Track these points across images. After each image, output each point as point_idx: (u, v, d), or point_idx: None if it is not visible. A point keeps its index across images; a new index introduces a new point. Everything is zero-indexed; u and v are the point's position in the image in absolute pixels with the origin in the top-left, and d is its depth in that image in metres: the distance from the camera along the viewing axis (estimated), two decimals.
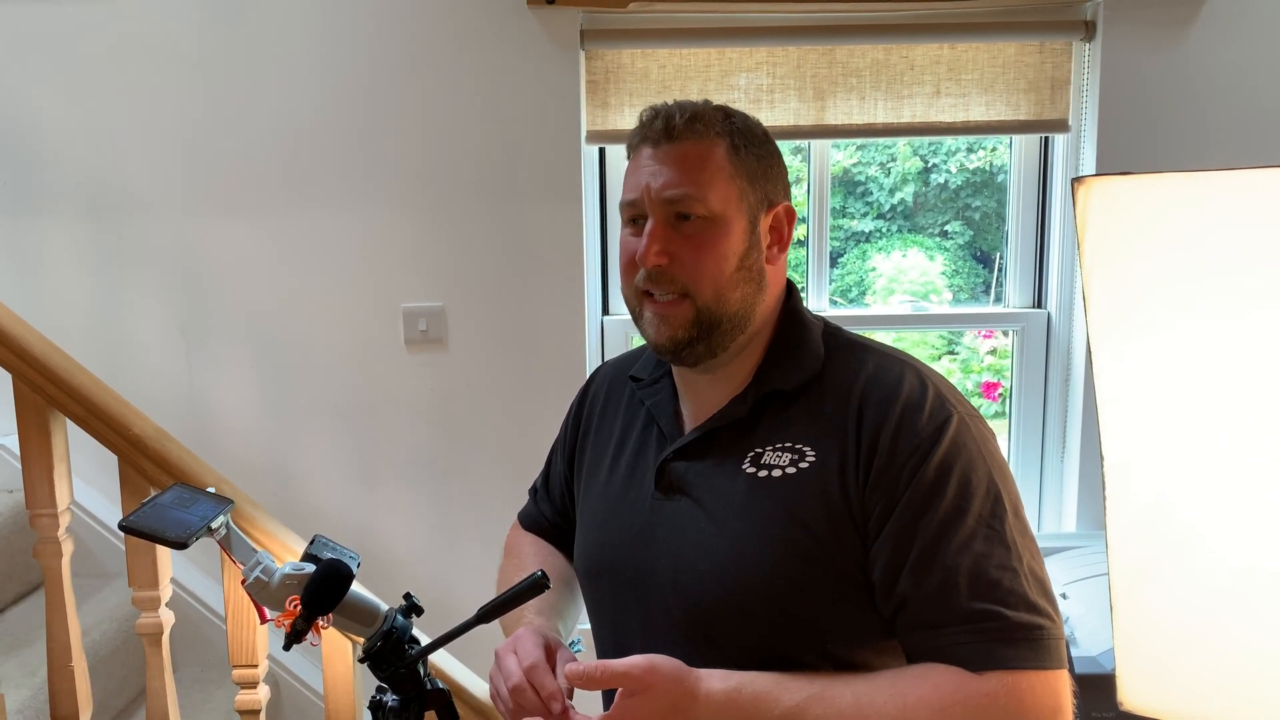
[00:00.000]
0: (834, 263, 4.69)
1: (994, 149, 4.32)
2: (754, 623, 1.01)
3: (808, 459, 1.01)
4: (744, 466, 1.04)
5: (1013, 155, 2.44)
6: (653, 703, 0.92)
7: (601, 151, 2.39)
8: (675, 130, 1.05)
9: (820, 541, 0.99)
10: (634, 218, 1.07)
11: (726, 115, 1.08)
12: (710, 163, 1.04)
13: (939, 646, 0.94)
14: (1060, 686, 0.93)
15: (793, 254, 1.20)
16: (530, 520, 1.36)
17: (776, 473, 1.02)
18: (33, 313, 1.79)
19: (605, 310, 2.45)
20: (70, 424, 1.60)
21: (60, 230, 2.30)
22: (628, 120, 2.26)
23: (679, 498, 1.08)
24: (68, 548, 1.60)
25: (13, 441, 2.22)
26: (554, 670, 1.02)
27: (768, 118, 2.28)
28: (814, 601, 1.00)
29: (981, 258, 4.66)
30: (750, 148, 1.08)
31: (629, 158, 1.10)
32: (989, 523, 0.96)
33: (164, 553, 1.60)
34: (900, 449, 0.98)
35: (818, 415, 1.03)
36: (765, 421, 1.06)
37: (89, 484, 2.32)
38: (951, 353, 4.61)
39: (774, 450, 1.04)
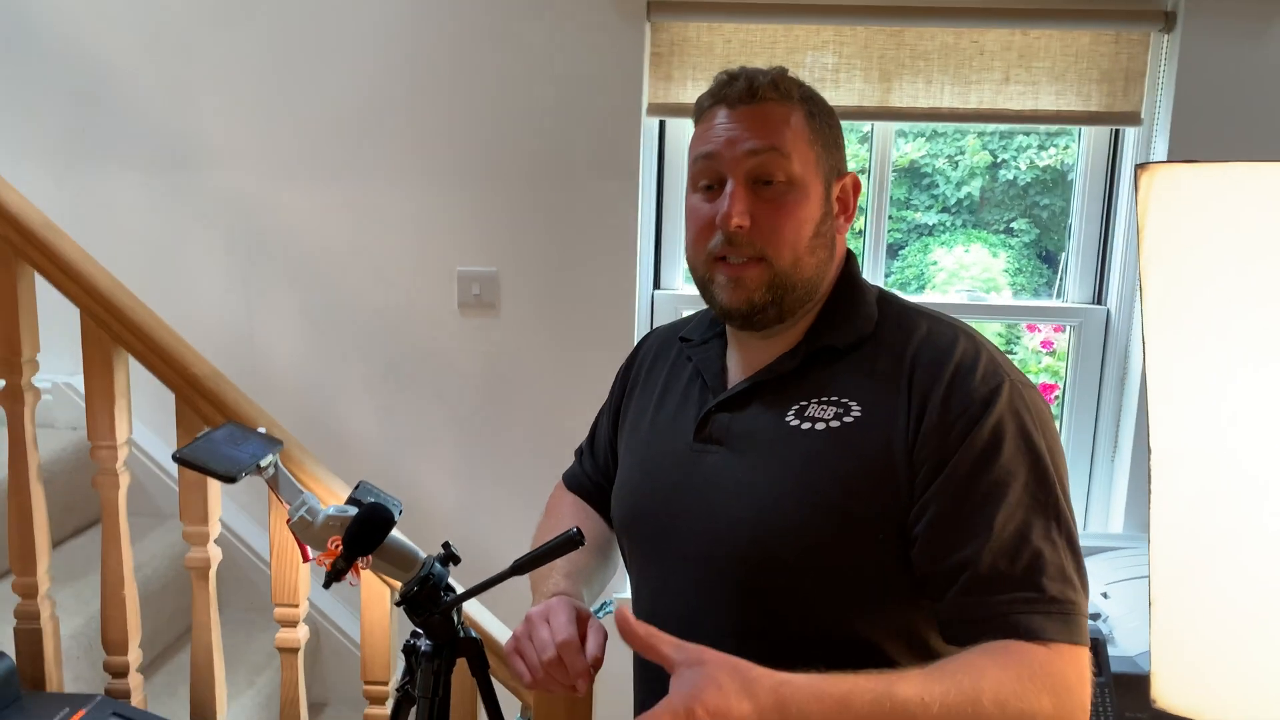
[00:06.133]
0: (895, 255, 4.64)
1: (1066, 147, 4.23)
2: (783, 572, 1.01)
3: (853, 413, 1.01)
4: (788, 418, 1.04)
5: (1080, 147, 2.39)
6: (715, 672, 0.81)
7: (661, 125, 2.38)
8: (759, 91, 1.05)
9: (857, 496, 0.98)
10: (708, 184, 1.07)
11: (800, 84, 1.09)
12: (791, 125, 1.04)
13: (976, 613, 0.93)
14: (1085, 664, 0.92)
15: (850, 242, 1.20)
16: (574, 480, 1.37)
17: (820, 425, 1.02)
18: (102, 255, 1.85)
19: (656, 284, 2.45)
20: (132, 363, 1.65)
21: (134, 178, 2.37)
22: (690, 94, 2.25)
23: (717, 448, 1.08)
24: (124, 480, 1.65)
25: (78, 382, 2.30)
26: (584, 641, 1.03)
27: (832, 97, 2.23)
28: (844, 553, 0.99)
29: (1046, 257, 4.57)
30: (824, 116, 1.09)
31: (699, 120, 1.10)
32: (1036, 492, 0.95)
33: (215, 490, 1.65)
34: (952, 409, 0.97)
35: (869, 373, 1.03)
36: (813, 376, 1.06)
37: (147, 425, 2.39)
38: (1009, 352, 4.53)
39: (819, 404, 1.03)
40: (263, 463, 1.22)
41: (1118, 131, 2.33)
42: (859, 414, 1.01)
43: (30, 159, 2.34)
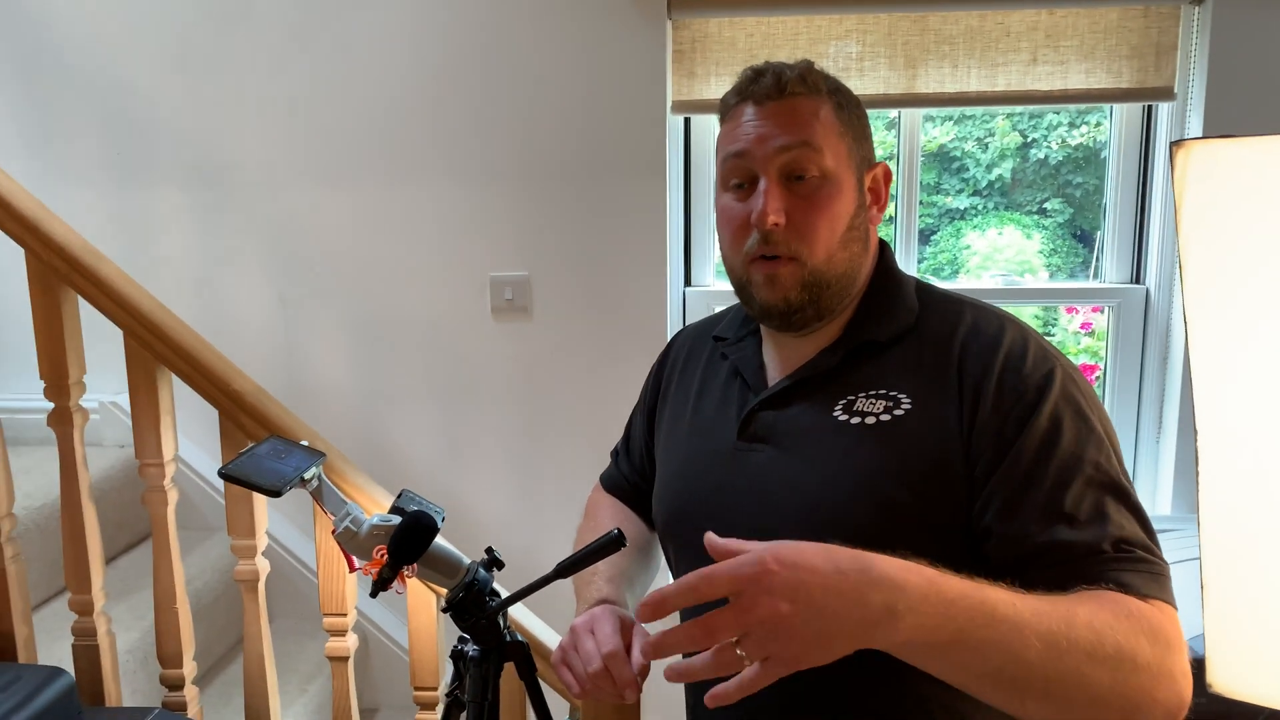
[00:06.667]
0: (927, 240, 4.59)
1: (1098, 124, 4.16)
2: None
3: (903, 406, 1.00)
4: (835, 413, 1.03)
5: (1113, 125, 2.36)
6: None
7: (686, 122, 2.38)
8: (787, 86, 1.03)
9: (912, 489, 0.97)
10: (739, 182, 1.06)
11: (826, 77, 1.08)
12: (821, 119, 1.03)
13: (1066, 581, 0.90)
14: (1180, 626, 0.89)
15: (881, 231, 1.18)
16: (611, 482, 1.38)
17: (870, 419, 1.01)
18: (142, 278, 1.89)
19: (687, 281, 2.45)
20: (176, 381, 1.68)
21: (167, 198, 2.41)
22: (714, 90, 2.25)
23: (762, 447, 1.07)
24: (173, 496, 1.68)
25: (125, 400, 2.34)
26: (629, 649, 1.03)
27: (857, 86, 2.24)
28: (899, 548, 0.98)
29: (1081, 237, 4.51)
30: (851, 107, 1.07)
31: (725, 118, 1.08)
32: (1106, 470, 0.94)
33: (260, 504, 1.67)
34: (1006, 396, 0.96)
35: (915, 365, 1.02)
36: (858, 370, 1.05)
37: (193, 441, 2.43)
38: (1047, 334, 4.47)
39: (867, 397, 1.02)
40: (306, 475, 1.23)
41: (1151, 107, 2.29)
42: (909, 406, 1.00)
43: (69, 184, 2.39)
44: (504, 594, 1.21)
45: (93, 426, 2.35)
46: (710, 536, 0.78)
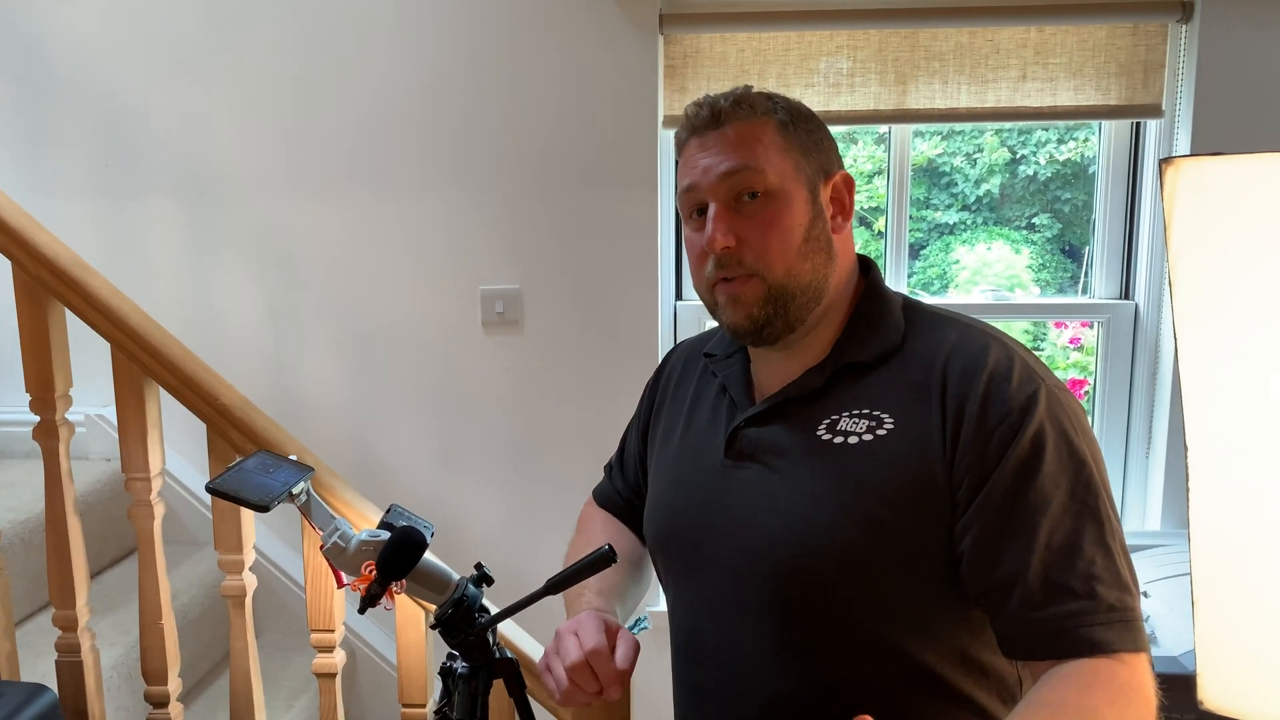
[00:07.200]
0: (916, 255, 4.60)
1: (1086, 139, 4.19)
2: (822, 588, 1.00)
3: (885, 426, 1.01)
4: (818, 433, 1.04)
5: (1101, 142, 2.37)
6: None
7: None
8: (722, 114, 1.06)
9: (893, 508, 0.98)
10: (696, 210, 1.08)
11: (769, 97, 1.09)
12: (762, 139, 1.05)
13: (1037, 628, 0.92)
14: (1150, 669, 0.91)
15: (871, 246, 1.19)
16: (604, 496, 1.37)
17: (853, 439, 1.01)
18: (131, 290, 1.87)
19: (679, 295, 2.45)
20: (164, 394, 1.66)
21: (157, 211, 2.40)
22: None
23: (748, 464, 1.08)
24: (159, 511, 1.67)
25: (111, 413, 2.32)
26: (613, 651, 1.03)
27: (848, 102, 2.25)
28: (883, 568, 0.98)
29: (1070, 252, 4.53)
30: (798, 123, 1.08)
31: (679, 154, 1.11)
32: (1083, 498, 0.94)
33: (248, 518, 1.66)
34: (989, 418, 0.96)
35: (899, 384, 1.03)
36: (842, 390, 1.06)
37: (180, 455, 2.42)
38: (1036, 349, 4.47)
39: (850, 417, 1.03)
40: (295, 490, 1.22)
41: (1139, 123, 2.31)
42: (891, 426, 1.00)
43: (58, 196, 2.38)
44: (493, 610, 1.20)
45: (79, 440, 2.33)
46: None
